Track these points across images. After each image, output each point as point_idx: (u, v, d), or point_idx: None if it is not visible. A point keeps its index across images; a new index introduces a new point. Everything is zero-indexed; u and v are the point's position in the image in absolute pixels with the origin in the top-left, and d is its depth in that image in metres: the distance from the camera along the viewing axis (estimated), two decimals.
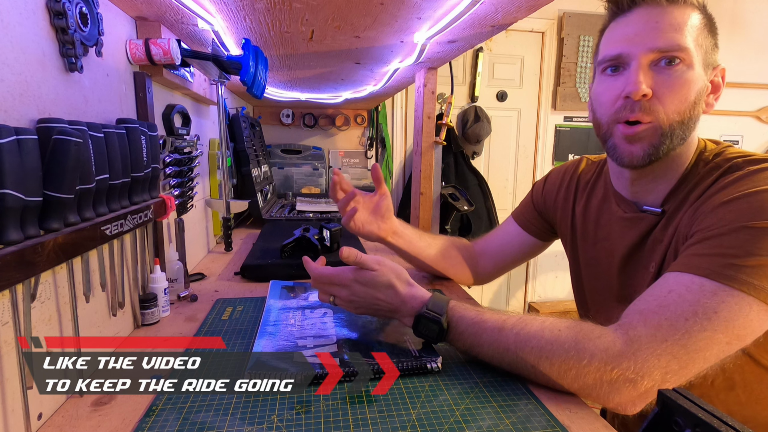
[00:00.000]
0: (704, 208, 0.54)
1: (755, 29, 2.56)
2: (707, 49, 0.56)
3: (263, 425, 0.45)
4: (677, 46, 0.54)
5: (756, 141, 2.72)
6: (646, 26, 0.56)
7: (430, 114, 1.33)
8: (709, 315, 0.46)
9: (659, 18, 0.55)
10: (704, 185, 0.57)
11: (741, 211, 0.50)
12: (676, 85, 0.55)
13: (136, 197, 0.62)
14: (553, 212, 0.82)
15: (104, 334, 0.59)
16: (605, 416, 0.76)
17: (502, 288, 2.71)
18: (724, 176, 0.56)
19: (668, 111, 0.56)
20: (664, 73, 0.55)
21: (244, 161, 1.51)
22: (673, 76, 0.55)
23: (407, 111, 2.45)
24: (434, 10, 0.74)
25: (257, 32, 0.85)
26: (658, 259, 0.60)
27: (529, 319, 0.54)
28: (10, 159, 0.37)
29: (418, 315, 0.58)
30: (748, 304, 0.46)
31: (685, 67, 0.55)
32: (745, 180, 0.53)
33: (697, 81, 0.55)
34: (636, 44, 0.56)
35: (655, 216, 0.62)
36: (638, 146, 0.58)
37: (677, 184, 0.60)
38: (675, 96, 0.55)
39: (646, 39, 0.55)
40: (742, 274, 0.46)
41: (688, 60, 0.55)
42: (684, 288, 0.48)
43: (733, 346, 0.47)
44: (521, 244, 0.88)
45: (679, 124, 0.56)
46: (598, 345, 0.49)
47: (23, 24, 0.44)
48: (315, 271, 0.65)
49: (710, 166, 0.58)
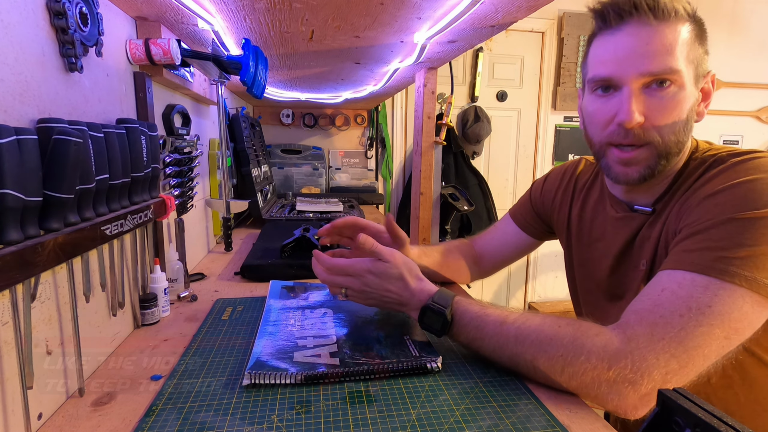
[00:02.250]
0: (690, 203, 0.55)
1: (755, 29, 2.56)
2: (698, 61, 0.56)
3: (263, 425, 0.45)
4: (669, 69, 0.53)
5: (756, 141, 2.72)
6: (637, 48, 0.54)
7: (430, 114, 1.33)
8: (702, 309, 0.46)
9: (649, 39, 0.54)
10: (690, 180, 0.58)
11: (726, 203, 0.50)
12: (668, 107, 0.55)
13: (136, 197, 0.62)
14: (551, 213, 0.82)
15: (104, 334, 0.59)
16: (608, 418, 0.76)
17: (502, 288, 2.71)
18: (708, 170, 0.56)
19: (663, 133, 0.56)
20: (656, 96, 0.55)
21: (244, 161, 1.51)
22: (666, 98, 0.55)
23: (407, 111, 2.45)
24: (434, 10, 0.74)
25: (257, 32, 0.85)
26: (648, 257, 0.60)
27: (531, 316, 0.55)
28: (10, 159, 0.37)
29: (424, 307, 0.59)
30: (741, 296, 0.46)
31: (677, 88, 0.55)
32: (728, 171, 0.53)
33: (689, 98, 0.56)
34: (626, 68, 0.55)
35: (645, 215, 0.62)
36: (634, 168, 0.58)
37: (670, 185, 0.61)
38: (668, 118, 0.55)
39: (637, 62, 0.54)
40: (732, 266, 0.46)
41: (679, 81, 0.54)
42: (676, 285, 0.49)
43: (733, 340, 0.47)
44: (518, 243, 0.88)
45: (674, 143, 0.57)
46: (595, 342, 0.49)
47: (23, 24, 0.44)
48: (328, 262, 0.64)
49: (697, 162, 0.59)
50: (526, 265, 2.70)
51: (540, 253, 2.68)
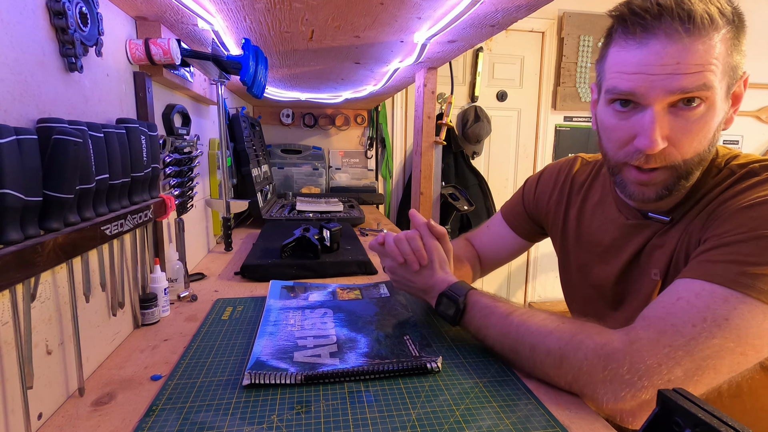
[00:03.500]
0: (720, 213, 0.52)
1: (755, 29, 2.55)
2: (734, 69, 0.51)
3: (263, 425, 0.45)
4: (701, 86, 0.48)
5: (756, 141, 2.71)
6: (666, 65, 0.48)
7: (430, 114, 1.33)
8: (719, 322, 0.44)
9: (681, 57, 0.48)
10: (718, 190, 0.55)
11: (761, 219, 0.47)
12: (694, 130, 0.50)
13: (136, 197, 0.62)
14: (545, 214, 0.81)
15: (104, 334, 0.59)
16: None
17: (502, 288, 2.71)
18: (741, 181, 0.53)
19: (685, 155, 0.52)
20: (683, 117, 0.50)
21: (244, 161, 1.51)
22: (692, 120, 0.50)
23: (407, 111, 2.44)
24: (434, 10, 0.74)
25: (257, 32, 0.85)
26: (661, 266, 0.58)
27: (537, 311, 0.57)
28: (10, 159, 0.37)
29: (441, 294, 0.64)
30: (763, 313, 0.43)
31: (706, 107, 0.50)
32: (764, 185, 0.51)
33: (718, 115, 0.51)
34: (653, 86, 0.49)
35: (661, 224, 0.60)
36: (651, 189, 0.55)
37: (688, 194, 0.58)
38: (693, 140, 0.51)
39: (666, 81, 0.48)
40: (759, 282, 0.44)
41: (711, 99, 0.49)
42: (693, 295, 0.46)
43: (750, 357, 0.44)
44: (512, 246, 0.89)
45: (697, 163, 0.53)
46: (596, 340, 0.48)
47: (23, 24, 0.44)
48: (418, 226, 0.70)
49: (724, 173, 0.56)
50: (526, 265, 2.70)
51: (540, 253, 2.68)
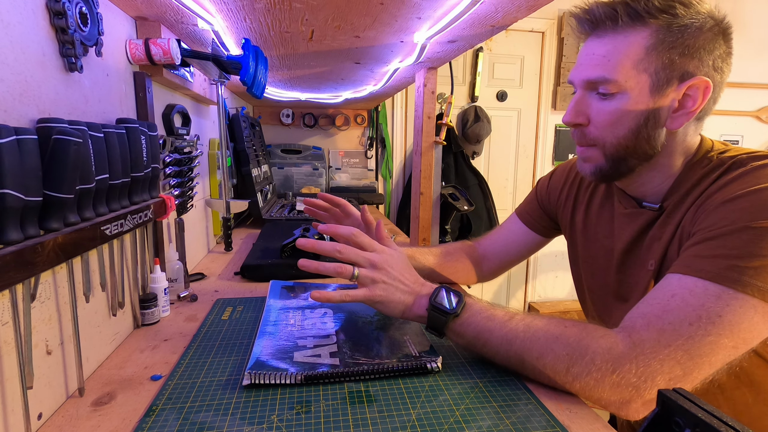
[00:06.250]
0: (706, 206, 0.53)
1: (755, 29, 2.56)
2: (669, 66, 0.53)
3: (263, 425, 0.45)
4: (602, 78, 0.56)
5: (756, 141, 2.71)
6: (585, 57, 0.58)
7: (430, 114, 1.33)
8: (713, 319, 0.45)
9: (596, 49, 0.57)
10: (706, 183, 0.56)
11: (743, 211, 0.49)
12: (607, 112, 0.57)
13: (136, 197, 0.62)
14: (557, 209, 0.82)
15: (104, 334, 0.59)
16: (614, 422, 0.76)
17: (502, 288, 2.71)
18: (727, 173, 0.55)
19: (606, 139, 0.59)
20: (601, 103, 0.58)
21: (244, 161, 1.51)
22: (608, 107, 0.57)
23: (407, 111, 2.44)
24: (434, 10, 0.74)
25: (257, 32, 0.85)
26: (657, 257, 0.60)
27: (536, 315, 0.56)
28: (10, 159, 0.37)
29: (438, 288, 0.59)
30: (753, 307, 0.45)
31: (618, 97, 0.56)
32: (747, 177, 0.52)
33: (636, 108, 0.56)
34: (574, 75, 0.60)
35: (653, 212, 0.62)
36: (587, 166, 0.63)
37: (675, 182, 0.60)
38: (609, 125, 0.58)
39: (582, 70, 0.59)
40: (745, 276, 0.46)
41: (619, 90, 0.56)
42: (687, 292, 0.48)
43: (740, 349, 0.46)
44: (526, 242, 0.87)
45: (626, 149, 0.58)
46: (601, 344, 0.49)
47: (23, 24, 0.44)
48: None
49: (714, 163, 0.57)
50: (526, 265, 2.69)
51: (540, 253, 2.66)
